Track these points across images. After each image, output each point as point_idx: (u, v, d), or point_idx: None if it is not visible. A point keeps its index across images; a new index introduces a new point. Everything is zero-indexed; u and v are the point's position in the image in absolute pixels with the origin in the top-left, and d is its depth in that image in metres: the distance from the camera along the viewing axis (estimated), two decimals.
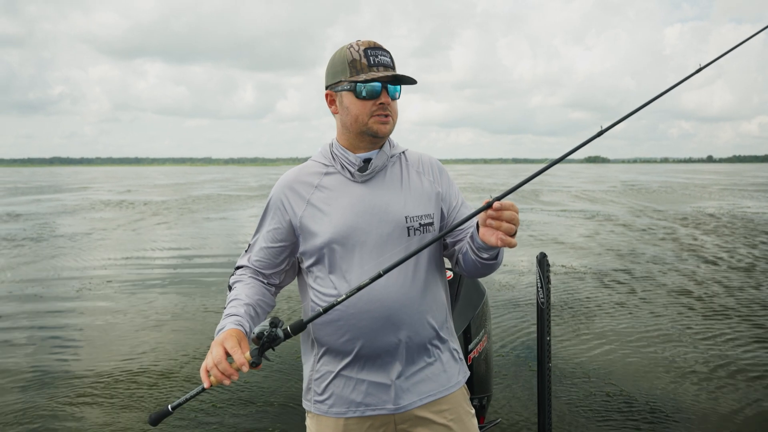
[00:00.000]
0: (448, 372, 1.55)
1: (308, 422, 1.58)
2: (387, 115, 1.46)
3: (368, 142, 1.50)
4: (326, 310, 1.29)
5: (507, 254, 9.34)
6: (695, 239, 10.90)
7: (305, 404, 1.57)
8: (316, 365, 1.53)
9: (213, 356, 1.24)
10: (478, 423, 2.54)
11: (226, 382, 1.24)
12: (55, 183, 45.27)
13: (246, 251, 1.60)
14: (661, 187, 30.88)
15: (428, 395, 1.50)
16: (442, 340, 1.56)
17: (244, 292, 1.50)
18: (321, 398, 1.51)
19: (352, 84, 1.44)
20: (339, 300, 1.29)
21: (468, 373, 1.64)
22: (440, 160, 1.69)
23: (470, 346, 2.44)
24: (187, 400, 1.27)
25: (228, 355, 1.25)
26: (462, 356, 1.64)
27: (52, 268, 8.60)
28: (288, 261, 1.57)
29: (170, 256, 9.51)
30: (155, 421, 1.29)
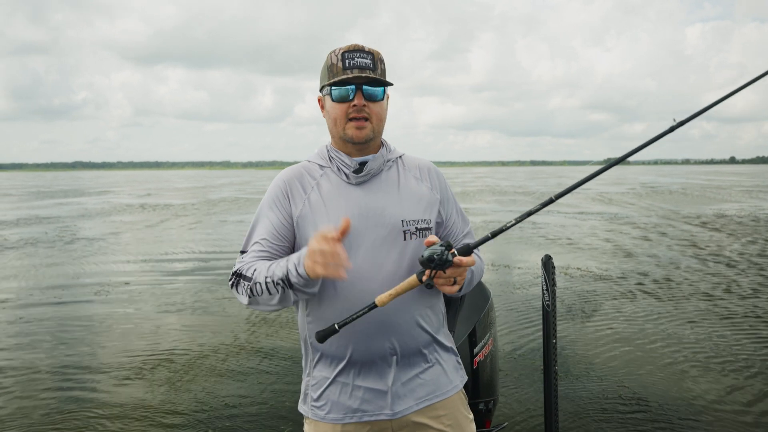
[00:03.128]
0: (445, 376, 1.54)
1: (306, 428, 1.57)
2: (364, 119, 1.45)
3: (353, 148, 1.50)
4: (478, 243, 1.37)
5: (516, 256, 9.28)
6: (713, 242, 10.72)
7: (302, 410, 1.56)
8: (313, 371, 1.53)
9: (322, 250, 1.24)
10: (484, 427, 2.54)
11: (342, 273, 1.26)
12: (77, 187, 46.05)
13: (241, 257, 1.51)
14: (681, 189, 30.42)
15: (424, 399, 1.49)
16: (439, 345, 1.55)
17: (270, 261, 1.44)
18: (318, 404, 1.50)
19: (328, 88, 1.45)
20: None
21: (466, 378, 1.62)
22: (457, 163, 1.66)
23: (475, 350, 2.43)
24: (353, 318, 1.33)
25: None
26: (459, 360, 1.63)
27: (72, 270, 8.75)
28: None
29: (189, 258, 9.61)
30: (323, 338, 1.35)
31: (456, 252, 1.31)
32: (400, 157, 1.60)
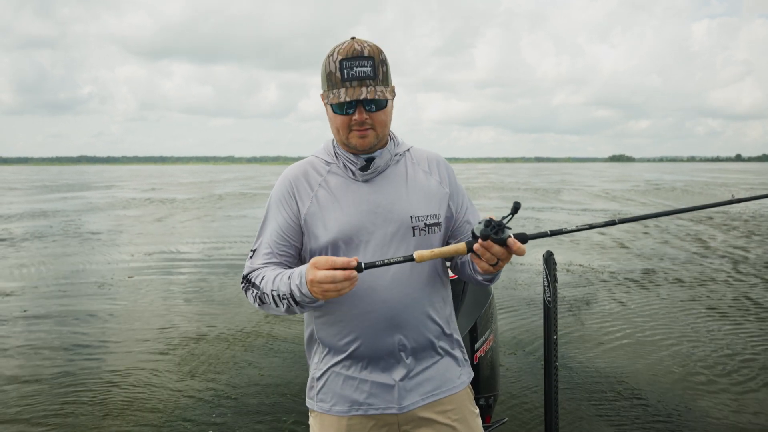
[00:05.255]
0: (452, 372, 1.54)
1: (311, 421, 1.56)
2: (366, 128, 1.41)
3: (356, 150, 1.47)
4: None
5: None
6: (713, 238, 10.70)
7: (308, 403, 1.56)
8: (320, 364, 1.52)
9: (334, 278, 1.23)
10: (485, 422, 2.56)
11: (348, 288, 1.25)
12: (82, 181, 46.21)
13: (251, 257, 1.52)
14: (685, 187, 30.32)
15: (431, 395, 1.49)
16: (446, 340, 1.55)
17: (279, 270, 1.44)
18: (323, 397, 1.51)
19: (328, 99, 1.40)
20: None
21: (472, 374, 1.62)
22: (461, 159, 1.63)
23: (476, 346, 2.44)
24: (384, 264, 1.28)
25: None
26: (466, 356, 1.62)
27: (77, 263, 8.80)
28: (297, 263, 1.54)
29: (194, 251, 9.66)
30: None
31: (512, 234, 1.26)
32: (408, 150, 1.57)
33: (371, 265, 1.27)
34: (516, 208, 1.23)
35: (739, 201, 1.50)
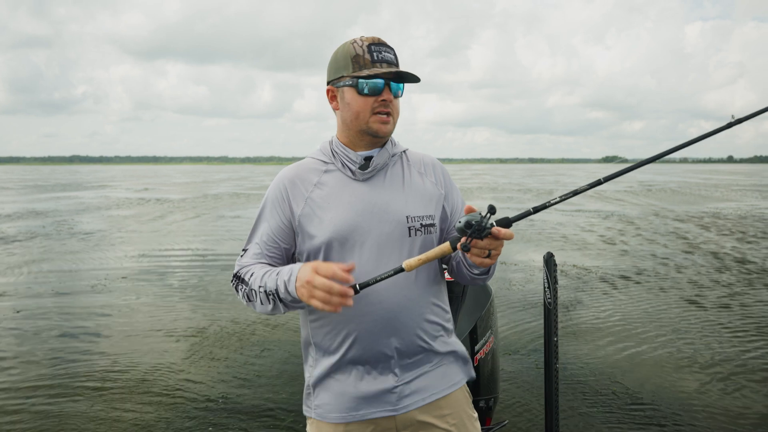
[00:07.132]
0: (449, 374, 1.53)
1: (309, 428, 1.54)
2: (388, 113, 1.43)
3: (368, 141, 1.47)
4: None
5: (517, 253, 9.30)
6: (706, 239, 10.75)
7: (305, 411, 1.54)
8: (315, 369, 1.50)
9: (330, 287, 1.23)
10: (485, 425, 2.55)
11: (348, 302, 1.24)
12: (74, 181, 45.94)
13: (242, 256, 1.53)
14: (677, 188, 30.48)
15: (429, 395, 1.48)
16: (443, 343, 1.53)
17: (269, 267, 1.45)
18: (320, 403, 1.48)
19: (354, 79, 1.41)
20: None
21: (473, 375, 1.61)
22: (456, 160, 1.64)
23: (477, 347, 2.44)
24: (376, 281, 1.29)
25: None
26: (467, 356, 1.61)
27: (70, 264, 8.73)
28: (285, 263, 1.53)
29: (187, 251, 9.60)
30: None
31: (495, 223, 1.24)
32: (405, 152, 1.58)
33: (365, 285, 1.28)
34: (491, 211, 1.21)
35: (738, 122, 1.48)
